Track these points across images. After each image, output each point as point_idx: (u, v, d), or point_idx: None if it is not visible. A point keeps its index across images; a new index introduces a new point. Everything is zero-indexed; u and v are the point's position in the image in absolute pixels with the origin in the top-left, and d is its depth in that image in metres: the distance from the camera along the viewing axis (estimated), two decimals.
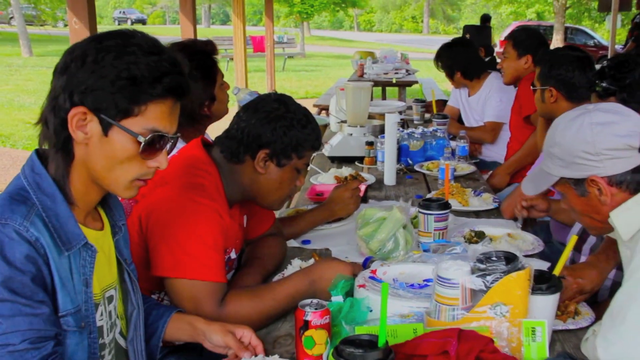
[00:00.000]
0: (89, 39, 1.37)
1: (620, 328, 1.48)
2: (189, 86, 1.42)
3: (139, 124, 1.35)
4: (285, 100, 2.01)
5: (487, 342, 1.43)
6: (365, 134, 3.90)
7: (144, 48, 1.34)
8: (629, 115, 1.65)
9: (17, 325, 1.23)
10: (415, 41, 34.31)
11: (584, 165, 1.64)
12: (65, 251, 1.34)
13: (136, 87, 1.32)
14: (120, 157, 1.36)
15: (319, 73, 18.92)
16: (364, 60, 8.91)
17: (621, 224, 1.64)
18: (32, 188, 1.35)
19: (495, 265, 1.58)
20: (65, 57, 1.36)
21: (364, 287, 1.79)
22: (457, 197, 2.89)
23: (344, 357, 1.29)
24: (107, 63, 1.31)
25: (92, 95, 1.31)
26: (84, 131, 1.34)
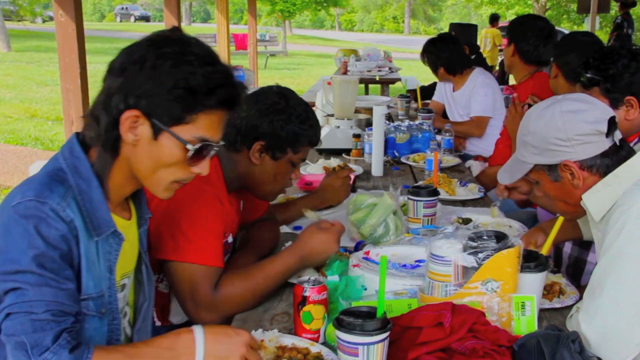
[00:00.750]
0: (147, 42, 1.39)
1: (598, 301, 1.56)
2: (240, 98, 1.46)
3: (189, 131, 1.39)
4: (287, 94, 2.05)
5: (479, 315, 1.49)
6: (352, 126, 3.96)
7: (200, 58, 1.38)
8: (595, 104, 1.76)
9: (42, 295, 1.26)
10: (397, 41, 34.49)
11: (557, 151, 1.73)
12: (95, 236, 1.38)
13: (191, 97, 1.36)
14: (167, 162, 1.41)
15: (301, 71, 18.96)
16: (347, 57, 8.97)
17: (592, 206, 1.73)
18: (70, 170, 1.38)
19: (487, 243, 1.64)
20: (122, 58, 1.38)
21: (358, 266, 1.84)
22: (444, 187, 2.95)
23: (344, 327, 1.34)
24: (165, 70, 1.34)
25: (147, 100, 1.35)
26: (135, 133, 1.37)
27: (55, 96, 11.39)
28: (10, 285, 1.26)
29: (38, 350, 1.23)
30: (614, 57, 2.21)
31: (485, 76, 4.43)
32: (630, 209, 1.58)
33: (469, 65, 4.60)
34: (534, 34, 3.76)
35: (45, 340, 1.24)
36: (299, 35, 37.26)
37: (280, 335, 1.58)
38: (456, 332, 1.43)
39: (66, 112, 4.94)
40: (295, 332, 1.64)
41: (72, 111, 4.90)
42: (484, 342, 1.43)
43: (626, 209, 1.59)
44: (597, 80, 2.20)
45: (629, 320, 1.53)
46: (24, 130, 9.35)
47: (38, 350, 1.23)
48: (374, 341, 1.34)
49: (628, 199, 1.61)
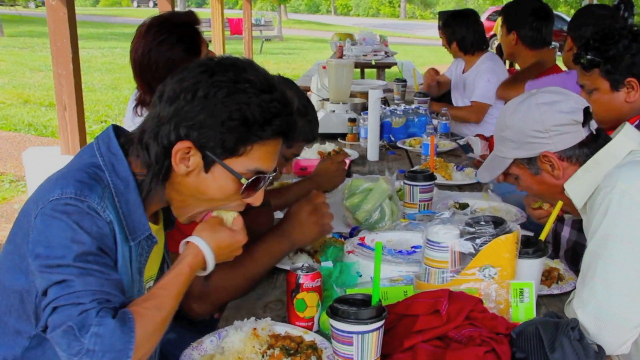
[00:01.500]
0: (199, 69, 1.32)
1: (591, 285, 1.55)
2: (296, 126, 1.41)
3: (243, 164, 1.33)
4: (288, 86, 1.99)
5: (477, 302, 1.46)
6: (347, 111, 3.91)
7: (256, 85, 1.31)
8: (569, 95, 1.77)
9: (88, 284, 1.20)
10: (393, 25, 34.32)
11: (536, 144, 1.74)
12: (132, 240, 1.34)
13: (246, 129, 1.30)
14: (215, 195, 1.36)
15: (296, 56, 18.85)
16: (342, 42, 8.89)
17: (574, 193, 1.73)
18: (107, 168, 1.33)
19: (484, 228, 1.61)
20: (174, 85, 1.32)
21: (353, 252, 1.80)
22: (440, 172, 2.92)
23: (338, 315, 1.31)
24: (218, 101, 1.28)
25: (200, 131, 1.29)
26: (186, 165, 1.32)
27: (48, 82, 11.29)
28: (55, 277, 1.20)
29: (85, 329, 1.16)
30: (615, 37, 2.15)
31: (493, 62, 4.30)
32: (612, 190, 1.57)
33: (482, 48, 4.48)
34: (534, 18, 3.70)
35: (88, 319, 1.17)
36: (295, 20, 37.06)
37: (273, 324, 1.55)
38: (453, 320, 1.40)
39: (58, 97, 4.88)
40: (288, 320, 1.60)
41: (64, 96, 4.84)
42: (482, 330, 1.39)
43: (609, 190, 1.58)
44: (597, 61, 2.14)
45: (623, 301, 1.52)
46: (17, 116, 9.28)
47: (85, 329, 1.16)
48: (368, 330, 1.30)
49: (609, 180, 1.61)
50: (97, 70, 14.29)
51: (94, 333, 1.16)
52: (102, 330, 1.16)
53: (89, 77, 12.71)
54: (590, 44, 2.17)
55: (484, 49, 4.46)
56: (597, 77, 2.15)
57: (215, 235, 1.39)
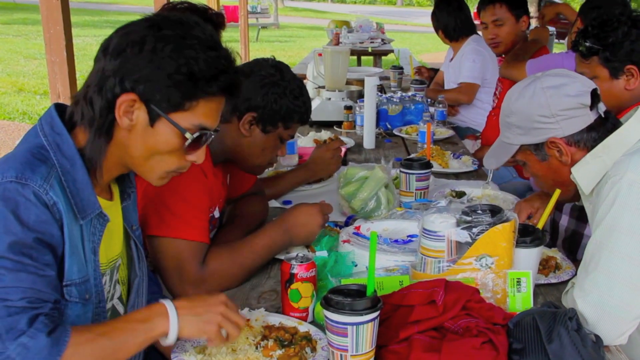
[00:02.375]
0: (146, 23, 1.31)
1: (593, 275, 1.52)
2: (241, 85, 1.40)
3: (187, 119, 1.32)
4: (282, 67, 1.99)
5: (473, 292, 1.44)
6: (343, 98, 3.88)
7: (203, 42, 1.31)
8: (575, 77, 1.72)
9: (19, 281, 1.18)
10: (389, 13, 34.12)
11: (542, 129, 1.70)
12: (81, 219, 1.31)
13: (192, 84, 1.29)
14: (162, 149, 1.34)
15: (293, 44, 18.73)
16: (339, 29, 8.84)
17: (581, 178, 1.70)
18: (52, 148, 1.30)
19: (481, 217, 1.59)
20: (120, 39, 1.30)
21: (348, 242, 1.78)
22: (437, 160, 2.90)
23: (332, 306, 1.29)
24: (165, 54, 1.27)
25: (145, 85, 1.28)
26: (130, 118, 1.30)
27: (43, 70, 11.20)
28: None
29: (13, 335, 1.15)
30: (614, 24, 2.11)
31: (477, 43, 4.30)
32: (621, 180, 1.53)
33: (467, 33, 4.46)
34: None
35: (19, 324, 1.16)
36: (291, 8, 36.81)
37: (267, 314, 1.53)
38: (449, 311, 1.38)
39: (52, 86, 4.81)
40: (282, 311, 1.58)
41: (58, 84, 4.78)
42: (478, 320, 1.37)
43: (617, 179, 1.55)
44: (596, 49, 2.11)
45: (625, 293, 1.49)
46: (11, 105, 9.20)
47: (13, 335, 1.15)
48: (363, 321, 1.28)
49: (618, 169, 1.57)
50: (92, 58, 13.98)
51: (22, 344, 1.15)
52: (32, 344, 1.15)
53: (84, 65, 12.55)
54: (589, 30, 2.14)
55: (468, 34, 4.43)
56: (596, 65, 2.12)
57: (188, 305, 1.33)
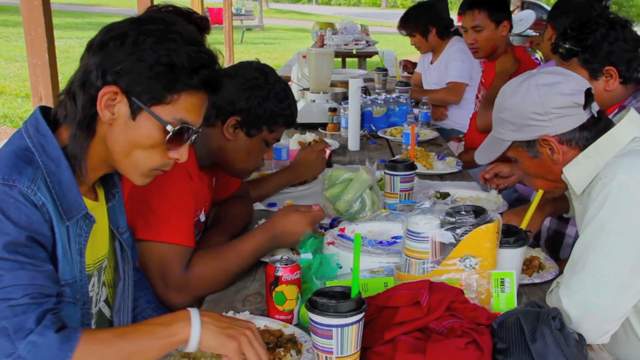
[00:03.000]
0: (129, 20, 1.34)
1: (580, 275, 1.53)
2: (222, 82, 1.41)
3: (169, 112, 1.32)
4: (267, 70, 1.98)
5: (458, 292, 1.44)
6: (328, 100, 3.88)
7: (184, 37, 1.33)
8: (570, 75, 1.72)
9: (18, 278, 1.17)
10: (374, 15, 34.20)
11: (535, 127, 1.69)
12: (67, 220, 1.30)
13: (173, 75, 1.30)
14: (144, 143, 1.33)
15: (277, 46, 18.72)
16: (323, 31, 8.87)
17: (573, 178, 1.70)
18: (37, 150, 1.29)
19: (465, 218, 1.59)
20: (103, 35, 1.32)
21: (333, 244, 1.78)
22: (421, 161, 2.90)
23: (317, 308, 1.28)
24: (147, 47, 1.28)
25: (127, 76, 1.28)
26: (112, 111, 1.30)
27: (24, 72, 11.08)
28: None
29: (21, 334, 1.14)
30: (592, 26, 2.16)
31: (462, 43, 4.34)
32: (611, 182, 1.54)
33: (451, 33, 4.50)
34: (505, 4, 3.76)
35: (27, 323, 1.15)
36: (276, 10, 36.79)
37: (252, 317, 1.53)
38: (434, 311, 1.38)
39: (34, 88, 4.77)
40: (267, 314, 1.58)
41: (40, 87, 4.73)
42: (463, 321, 1.38)
43: (608, 181, 1.55)
44: (575, 51, 2.16)
45: (611, 294, 1.50)
46: None
47: (21, 334, 1.14)
48: (348, 323, 1.28)
49: (609, 171, 1.57)
50: (75, 60, 13.71)
51: (32, 342, 1.14)
52: (41, 341, 1.14)
53: (67, 68, 12.48)
54: (568, 32, 2.18)
55: (448, 36, 4.48)
56: (576, 67, 2.15)
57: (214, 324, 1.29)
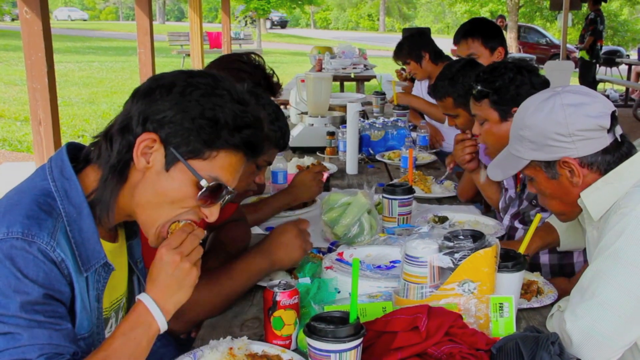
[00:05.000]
0: (179, 71, 1.33)
1: (589, 303, 1.50)
2: (264, 146, 1.38)
3: (205, 169, 1.29)
4: (258, 93, 1.95)
5: (456, 317, 1.44)
6: (326, 124, 3.90)
7: (232, 94, 1.31)
8: (596, 97, 1.67)
9: (36, 338, 1.15)
10: (372, 39, 34.50)
11: (557, 147, 1.64)
12: (85, 272, 1.28)
13: (215, 131, 1.27)
14: (173, 197, 1.30)
15: (276, 69, 18.59)
16: (322, 55, 8.90)
17: (591, 204, 1.65)
18: (60, 195, 1.27)
19: (463, 243, 1.59)
20: (151, 82, 1.30)
21: (331, 268, 1.78)
22: (419, 185, 2.91)
23: (315, 333, 1.28)
24: (193, 98, 1.26)
25: (168, 126, 1.26)
26: (147, 159, 1.27)
27: (24, 96, 11.12)
28: (1, 328, 1.15)
29: None
30: (501, 70, 2.34)
31: None
32: (631, 212, 1.51)
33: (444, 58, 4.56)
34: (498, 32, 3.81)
35: None
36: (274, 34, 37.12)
37: (250, 343, 1.51)
38: (432, 337, 1.37)
39: (33, 112, 4.80)
40: (265, 339, 1.57)
41: (39, 111, 4.76)
42: (461, 346, 1.37)
43: (627, 211, 1.52)
44: (486, 92, 2.33)
45: (617, 324, 1.48)
46: None
47: None
48: (346, 348, 1.27)
49: (630, 201, 1.54)
50: (74, 84, 14.16)
51: None
52: None
53: (66, 91, 12.58)
54: (480, 75, 2.38)
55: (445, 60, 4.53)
56: (487, 108, 2.34)
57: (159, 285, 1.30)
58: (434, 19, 42.47)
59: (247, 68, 2.58)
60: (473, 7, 26.39)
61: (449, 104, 2.86)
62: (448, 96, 2.84)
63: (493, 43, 3.68)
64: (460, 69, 2.84)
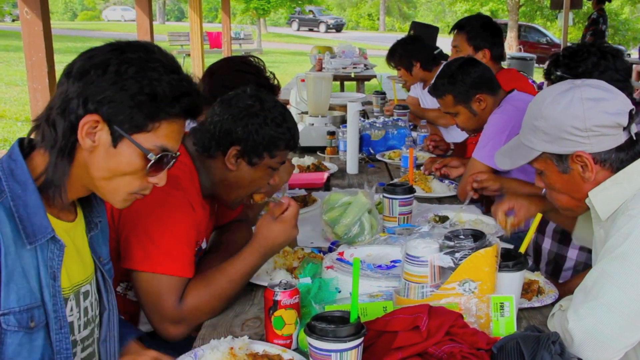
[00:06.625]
0: (109, 47, 1.36)
1: (592, 303, 1.49)
2: (202, 107, 1.43)
3: (150, 140, 1.35)
4: (262, 96, 1.95)
5: (457, 317, 1.44)
6: (326, 124, 3.90)
7: (165, 65, 1.35)
8: (617, 93, 1.64)
9: None
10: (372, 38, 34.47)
11: (571, 141, 1.62)
12: (28, 244, 1.30)
13: (155, 104, 1.33)
14: (125, 170, 1.36)
15: (276, 69, 18.62)
16: (322, 54, 8.89)
17: (599, 204, 1.64)
18: (5, 174, 1.32)
19: (463, 242, 1.59)
20: (84, 62, 1.33)
21: (332, 268, 1.78)
22: (419, 184, 2.91)
23: (316, 333, 1.28)
24: (129, 76, 1.30)
25: (109, 105, 1.30)
26: (93, 139, 1.32)
27: (24, 96, 11.14)
28: None
29: None
30: (584, 54, 2.17)
31: None
32: (639, 214, 1.50)
33: (439, 62, 4.56)
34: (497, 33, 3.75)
35: None
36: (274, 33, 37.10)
37: (251, 342, 1.52)
38: (433, 336, 1.37)
39: (34, 113, 4.80)
40: (266, 338, 1.57)
41: (40, 111, 4.77)
42: (462, 346, 1.37)
43: (635, 213, 1.51)
44: (566, 77, 2.12)
45: (620, 325, 1.47)
46: None
47: None
48: (347, 348, 1.27)
49: (638, 203, 1.53)
50: None
51: None
52: None
53: None
54: (560, 60, 2.23)
55: (440, 62, 4.52)
56: None
57: None
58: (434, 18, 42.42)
59: (252, 70, 2.60)
60: (473, 7, 26.34)
61: (449, 102, 2.85)
62: (448, 94, 2.83)
63: (478, 42, 3.64)
64: (459, 67, 2.83)
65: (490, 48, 3.65)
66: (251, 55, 2.67)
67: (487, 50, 3.65)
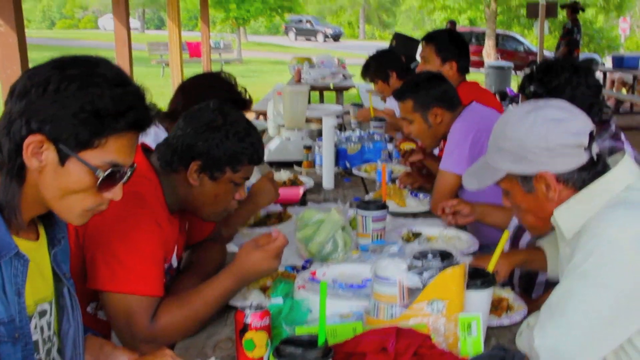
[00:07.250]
0: (51, 64, 1.34)
1: (558, 320, 1.51)
2: (151, 119, 1.41)
3: (98, 156, 1.33)
4: (225, 110, 1.95)
5: (425, 338, 1.46)
6: (303, 137, 3.91)
7: (109, 79, 1.33)
8: (578, 114, 1.67)
9: None
10: (352, 47, 34.65)
11: (535, 162, 1.64)
12: None
13: (99, 121, 1.30)
14: (75, 188, 1.34)
15: (256, 79, 18.83)
16: (301, 65, 8.95)
17: (563, 222, 1.66)
18: None
19: (431, 262, 1.61)
20: (25, 81, 1.31)
21: (303, 288, 1.79)
22: (394, 198, 2.93)
23: (284, 357, 1.29)
24: (70, 94, 1.28)
25: (51, 124, 1.28)
26: (39, 159, 1.30)
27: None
28: None
29: None
30: (557, 70, 2.21)
31: None
32: (602, 233, 1.52)
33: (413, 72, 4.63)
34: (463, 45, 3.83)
35: None
36: (254, 42, 37.12)
37: None
38: (401, 357, 1.39)
39: None
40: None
41: None
42: None
43: (599, 232, 1.53)
44: (540, 93, 2.19)
45: (584, 345, 1.49)
46: None
47: None
48: None
49: (601, 221, 1.55)
50: None
51: None
52: None
53: None
54: (534, 75, 2.26)
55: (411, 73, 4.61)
56: None
57: None
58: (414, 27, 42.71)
59: (224, 85, 2.63)
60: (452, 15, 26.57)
61: (409, 107, 2.94)
62: (409, 99, 2.93)
63: (446, 54, 3.70)
64: (426, 79, 2.94)
65: (457, 60, 3.72)
66: (222, 72, 2.71)
67: (455, 62, 3.71)
